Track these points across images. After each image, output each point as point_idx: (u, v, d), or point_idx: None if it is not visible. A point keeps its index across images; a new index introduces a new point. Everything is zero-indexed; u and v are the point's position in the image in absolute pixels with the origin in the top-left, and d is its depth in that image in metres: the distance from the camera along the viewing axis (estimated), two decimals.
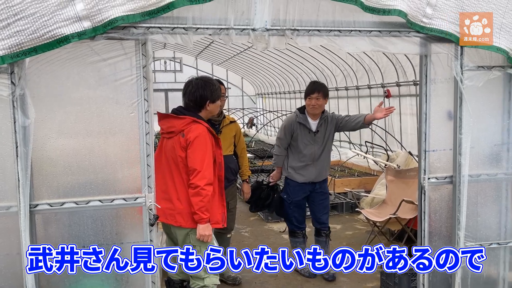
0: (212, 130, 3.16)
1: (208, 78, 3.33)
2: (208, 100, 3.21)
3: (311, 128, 4.42)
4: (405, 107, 8.87)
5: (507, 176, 3.51)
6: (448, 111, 3.39)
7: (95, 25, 2.59)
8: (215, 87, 3.26)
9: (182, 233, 3.16)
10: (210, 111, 3.28)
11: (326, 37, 3.01)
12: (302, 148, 4.43)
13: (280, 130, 4.57)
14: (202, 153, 3.01)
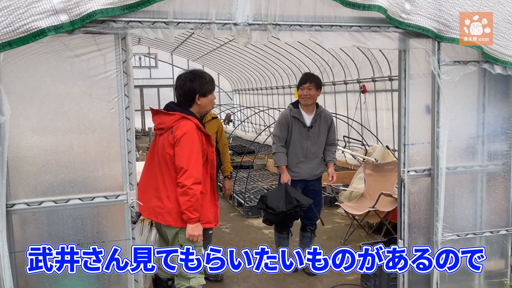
0: (202, 127, 3.07)
1: (198, 70, 3.20)
2: (197, 94, 3.09)
3: (306, 123, 4.35)
4: (380, 102, 9.03)
5: (482, 168, 3.61)
6: (426, 105, 3.45)
7: (72, 19, 2.52)
8: (205, 80, 3.12)
9: (171, 232, 3.11)
10: (202, 105, 3.15)
11: (307, 32, 3.02)
12: (295, 144, 4.34)
13: (276, 127, 4.45)
14: (189, 151, 2.92)
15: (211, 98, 3.18)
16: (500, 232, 3.68)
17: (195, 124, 3.00)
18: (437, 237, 3.47)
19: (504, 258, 3.76)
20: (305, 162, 4.35)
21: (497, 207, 3.67)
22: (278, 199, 4.17)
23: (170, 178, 3.02)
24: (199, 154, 2.96)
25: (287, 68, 12.36)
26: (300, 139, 4.33)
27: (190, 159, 2.91)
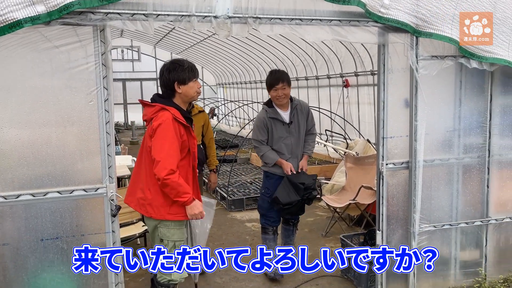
0: (181, 118, 2.96)
1: (177, 59, 3.10)
2: (176, 82, 2.98)
3: (284, 120, 4.20)
4: (363, 97, 9.11)
5: (458, 160, 3.69)
6: (404, 99, 3.51)
7: (49, 10, 2.49)
8: (183, 67, 3.00)
9: (151, 224, 3.10)
10: (184, 93, 3.03)
11: (288, 26, 3.04)
12: (279, 143, 4.19)
13: (254, 132, 4.27)
14: (162, 142, 2.86)
15: (192, 85, 3.04)
16: (475, 223, 3.77)
17: (172, 114, 2.92)
18: (415, 228, 3.55)
19: (479, 248, 3.86)
20: (292, 158, 4.23)
21: (473, 198, 3.76)
22: (288, 193, 4.08)
23: (150, 169, 2.96)
24: (173, 144, 2.87)
25: (271, 62, 12.37)
26: (283, 138, 4.20)
27: (162, 150, 2.85)
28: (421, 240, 3.60)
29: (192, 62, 3.08)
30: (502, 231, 3.89)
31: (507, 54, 3.48)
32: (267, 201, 4.27)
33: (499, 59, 3.46)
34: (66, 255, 2.82)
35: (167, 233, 3.04)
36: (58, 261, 2.81)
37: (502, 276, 3.90)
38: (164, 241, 3.05)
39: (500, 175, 3.82)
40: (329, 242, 5.20)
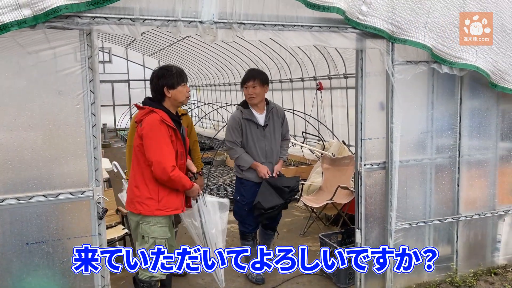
0: (168, 120, 3.08)
1: (166, 65, 3.25)
2: (165, 87, 3.12)
3: (259, 123, 4.08)
4: (336, 99, 9.33)
5: (431, 161, 3.88)
6: (380, 102, 3.67)
7: (36, 14, 2.50)
8: (171, 72, 3.15)
9: (134, 220, 3.19)
10: (173, 97, 3.16)
11: (271, 31, 3.13)
12: (253, 146, 4.08)
13: (227, 133, 4.15)
14: (156, 143, 2.99)
15: (181, 90, 3.18)
16: (447, 220, 3.97)
17: (160, 116, 3.05)
18: (391, 226, 3.71)
19: (450, 244, 4.06)
20: (266, 163, 4.11)
21: (444, 197, 3.96)
22: (271, 197, 3.97)
23: (139, 167, 3.10)
24: (168, 143, 3.02)
25: (245, 65, 12.46)
26: (257, 140, 4.08)
27: (159, 150, 2.98)
28: (397, 237, 3.77)
29: (180, 68, 3.20)
30: (471, 227, 4.11)
31: (475, 60, 3.69)
32: (243, 208, 4.16)
33: (468, 64, 3.66)
34: (52, 259, 2.81)
35: (148, 229, 3.12)
36: (43, 265, 2.79)
37: (472, 270, 4.12)
38: (145, 237, 3.13)
39: (469, 175, 4.04)
40: (307, 242, 5.32)
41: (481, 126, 4.01)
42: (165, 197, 3.10)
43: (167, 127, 3.06)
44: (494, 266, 4.23)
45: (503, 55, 3.79)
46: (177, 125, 3.18)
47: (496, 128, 4.08)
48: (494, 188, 4.15)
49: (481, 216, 4.11)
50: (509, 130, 4.13)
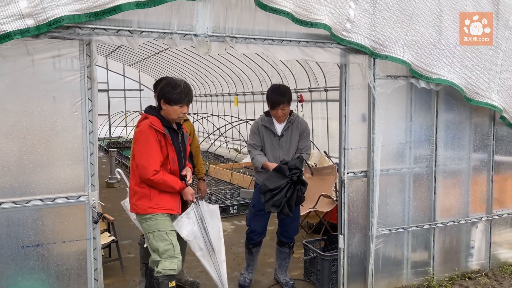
0: (157, 126, 3.21)
1: (177, 80, 3.30)
2: (163, 99, 3.26)
3: (276, 132, 4.14)
4: (316, 112, 9.58)
5: (409, 170, 4.10)
6: (363, 114, 3.87)
7: (38, 24, 2.59)
8: (175, 90, 3.21)
9: (137, 221, 3.42)
10: (166, 113, 3.29)
11: (261, 45, 3.31)
12: (268, 153, 4.15)
13: (249, 136, 4.29)
14: (141, 147, 3.16)
15: (175, 109, 3.26)
16: (424, 226, 4.19)
17: (150, 122, 3.19)
18: (373, 232, 3.89)
19: (427, 250, 4.27)
20: None
21: (422, 204, 4.18)
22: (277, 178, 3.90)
23: (133, 170, 3.31)
24: (153, 148, 3.16)
25: (226, 76, 12.63)
26: (272, 149, 4.15)
27: (143, 153, 3.15)
28: (378, 243, 3.95)
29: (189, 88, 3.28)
30: (447, 233, 4.33)
31: (450, 76, 3.95)
32: (251, 211, 4.27)
33: (443, 80, 3.92)
34: (47, 262, 2.87)
35: (146, 226, 3.28)
36: (38, 268, 2.84)
37: (448, 274, 4.33)
38: (145, 235, 3.33)
39: (444, 183, 4.27)
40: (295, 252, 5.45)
41: (456, 138, 4.26)
42: (156, 196, 3.24)
43: (156, 132, 3.19)
44: (468, 271, 4.45)
45: (477, 72, 4.07)
46: (171, 131, 3.32)
47: (469, 140, 4.34)
48: (468, 197, 4.40)
49: (456, 223, 4.34)
50: (481, 142, 4.40)
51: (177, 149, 3.37)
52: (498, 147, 4.48)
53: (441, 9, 3.83)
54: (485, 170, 4.46)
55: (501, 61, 4.18)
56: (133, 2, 2.75)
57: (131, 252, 5.31)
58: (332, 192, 5.80)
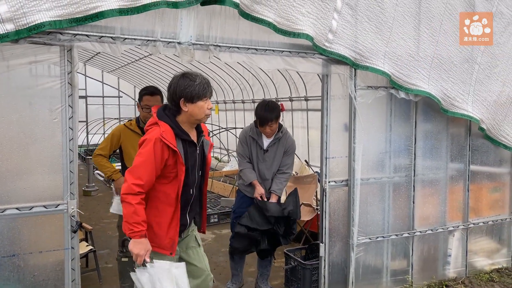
0: (168, 139, 2.58)
1: (189, 72, 2.69)
2: (182, 98, 2.61)
3: (263, 146, 4.17)
4: (297, 121, 9.65)
5: (389, 179, 4.16)
6: (344, 124, 3.92)
7: (18, 28, 2.54)
8: (194, 82, 2.61)
9: None
10: (190, 113, 2.64)
11: (244, 54, 3.32)
12: (254, 165, 4.20)
13: (238, 144, 4.33)
14: (137, 160, 2.59)
15: (201, 105, 2.64)
16: (403, 235, 4.24)
17: (161, 134, 2.57)
18: (353, 240, 3.92)
19: (406, 258, 4.33)
20: (262, 184, 4.17)
21: (401, 213, 4.24)
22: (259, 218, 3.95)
23: None
24: (148, 166, 2.55)
25: None
26: (257, 161, 4.18)
27: (133, 167, 2.58)
28: (358, 251, 3.98)
29: (206, 78, 2.69)
30: (425, 241, 4.40)
31: (428, 87, 4.05)
32: (232, 217, 4.32)
33: (422, 91, 4.01)
34: (23, 273, 2.78)
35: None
36: (14, 279, 2.75)
37: (426, 282, 4.39)
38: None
39: (423, 192, 4.35)
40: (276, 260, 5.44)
41: (433, 148, 4.35)
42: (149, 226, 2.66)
43: (165, 146, 2.58)
44: (445, 279, 4.53)
45: (452, 84, 4.18)
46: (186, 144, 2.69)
47: (446, 150, 4.44)
48: (445, 205, 4.49)
49: (434, 231, 4.42)
50: (457, 152, 4.51)
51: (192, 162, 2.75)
52: (474, 157, 4.60)
53: (419, 23, 3.93)
54: (462, 180, 4.56)
55: (476, 74, 4.30)
56: (116, 9, 2.72)
57: (109, 262, 5.21)
58: (313, 201, 5.83)
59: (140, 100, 3.86)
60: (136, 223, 2.54)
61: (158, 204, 2.69)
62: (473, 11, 4.08)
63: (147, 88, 3.89)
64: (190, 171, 2.72)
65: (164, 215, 2.69)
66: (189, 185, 2.75)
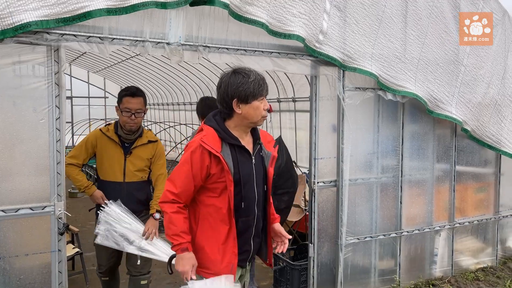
0: (210, 144, 2.24)
1: (241, 67, 2.34)
2: (235, 99, 2.25)
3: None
4: (285, 122, 9.66)
5: (377, 180, 4.19)
6: (332, 125, 3.94)
7: (4, 28, 2.51)
8: (248, 79, 2.25)
9: None
10: (245, 115, 2.27)
11: (234, 55, 3.32)
12: None
13: None
14: (175, 169, 2.32)
15: (257, 106, 2.27)
16: (391, 235, 4.28)
17: (201, 138, 2.26)
18: (342, 240, 3.94)
19: (394, 258, 4.37)
20: None
21: (389, 213, 4.28)
22: None
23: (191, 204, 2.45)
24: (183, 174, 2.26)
25: (195, 85, 12.55)
26: None
27: (171, 174, 2.33)
28: (347, 251, 4.01)
29: (260, 73, 2.35)
30: (412, 241, 4.45)
31: (415, 89, 4.09)
32: None
33: (408, 92, 4.05)
34: (9, 276, 2.73)
35: None
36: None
37: (413, 281, 4.44)
38: None
39: (410, 193, 4.40)
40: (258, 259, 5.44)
41: (420, 149, 4.41)
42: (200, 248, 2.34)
43: (204, 153, 2.24)
44: (432, 278, 4.58)
45: (438, 85, 4.23)
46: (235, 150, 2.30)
47: (433, 151, 4.50)
48: (432, 205, 4.54)
49: (421, 231, 4.47)
50: (443, 152, 4.57)
51: (246, 172, 2.32)
52: (460, 157, 4.67)
53: (405, 25, 3.97)
54: (448, 180, 4.62)
55: (462, 76, 4.37)
56: (104, 9, 2.70)
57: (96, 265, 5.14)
58: (301, 201, 5.84)
59: (119, 103, 3.36)
60: (174, 235, 2.26)
61: (211, 221, 2.32)
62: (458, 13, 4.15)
63: (128, 88, 3.41)
64: (244, 184, 2.32)
65: (218, 234, 2.31)
66: (248, 201, 2.35)
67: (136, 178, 3.43)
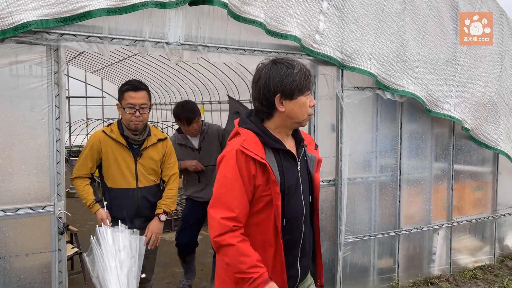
0: (252, 149, 1.89)
1: (282, 57, 1.98)
2: (279, 94, 1.91)
3: (193, 146, 4.13)
4: None
5: (375, 179, 4.21)
6: (331, 124, 3.95)
7: (4, 28, 2.50)
8: (293, 70, 1.91)
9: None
10: (289, 114, 1.95)
11: (233, 55, 3.33)
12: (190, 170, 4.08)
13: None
14: (218, 181, 1.94)
15: (302, 102, 1.95)
16: (389, 233, 4.30)
17: (241, 144, 1.90)
18: (341, 239, 3.95)
19: (392, 257, 4.39)
20: (210, 184, 3.97)
21: (387, 212, 4.29)
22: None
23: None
24: (236, 189, 1.88)
25: (192, 85, 12.54)
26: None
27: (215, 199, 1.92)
28: (346, 250, 4.02)
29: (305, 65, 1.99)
30: (410, 240, 4.47)
31: (413, 88, 4.11)
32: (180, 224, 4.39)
33: (407, 91, 4.07)
34: (9, 276, 2.73)
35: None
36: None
37: (412, 280, 4.46)
38: None
39: (408, 192, 4.42)
40: None
41: (418, 148, 4.42)
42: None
43: (248, 160, 1.89)
44: (430, 276, 4.60)
45: (436, 85, 4.25)
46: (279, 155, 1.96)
47: (431, 150, 4.52)
48: (430, 204, 4.57)
49: (419, 230, 4.49)
50: (441, 151, 4.59)
51: (292, 183, 1.98)
52: (457, 156, 4.69)
53: (404, 24, 3.99)
54: (446, 179, 4.64)
55: (459, 75, 4.39)
56: (104, 9, 2.70)
57: None
58: None
59: (121, 99, 3.04)
60: (251, 267, 1.82)
61: (254, 243, 1.93)
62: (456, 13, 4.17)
63: (129, 82, 3.08)
64: (291, 195, 1.97)
65: (263, 259, 1.92)
66: (295, 216, 2.00)
67: (149, 182, 3.17)
